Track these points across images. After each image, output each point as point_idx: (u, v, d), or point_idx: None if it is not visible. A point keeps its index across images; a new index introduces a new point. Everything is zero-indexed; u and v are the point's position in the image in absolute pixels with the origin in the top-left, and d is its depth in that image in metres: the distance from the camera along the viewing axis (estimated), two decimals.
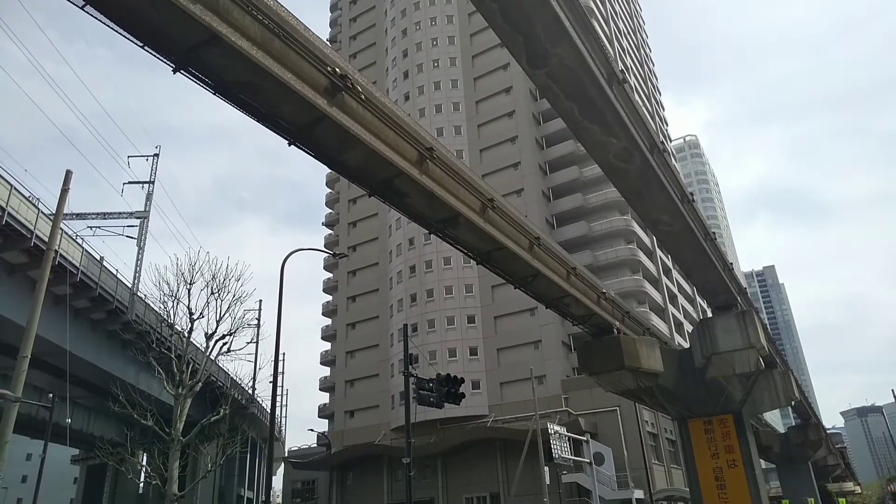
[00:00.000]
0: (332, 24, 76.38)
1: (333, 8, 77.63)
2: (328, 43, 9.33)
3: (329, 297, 65.99)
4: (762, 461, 36.44)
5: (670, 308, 56.80)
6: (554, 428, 31.13)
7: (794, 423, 67.57)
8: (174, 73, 7.66)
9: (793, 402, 25.60)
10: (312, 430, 52.34)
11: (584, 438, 34.29)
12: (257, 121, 8.67)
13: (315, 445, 60.34)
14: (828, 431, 55.59)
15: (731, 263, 19.71)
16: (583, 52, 8.74)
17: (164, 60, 7.59)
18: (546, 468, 31.02)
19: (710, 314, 21.11)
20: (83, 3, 6.85)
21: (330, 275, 66.36)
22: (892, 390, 64.39)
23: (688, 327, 58.97)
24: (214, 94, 7.95)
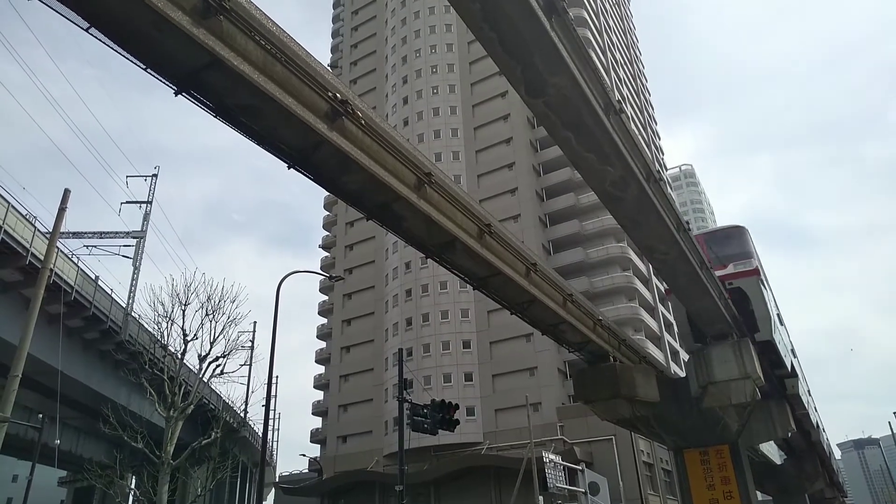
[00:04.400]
0: (334, 49, 77.41)
1: (335, 34, 78.74)
2: (329, 68, 9.45)
3: (324, 320, 65.70)
4: (758, 493, 36.02)
5: (666, 336, 56.70)
6: (549, 456, 30.80)
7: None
8: (176, 96, 7.73)
9: (789, 434, 25.42)
10: (304, 455, 51.74)
11: (580, 467, 33.89)
12: (257, 144, 8.73)
13: (307, 471, 59.57)
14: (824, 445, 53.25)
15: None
16: (580, 83, 8.86)
17: (166, 83, 7.66)
18: (540, 497, 30.62)
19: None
20: (87, 25, 6.95)
21: (325, 297, 66.18)
22: (889, 423, 63.99)
23: (683, 356, 58.79)
24: (215, 116, 8.01)
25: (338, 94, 8.76)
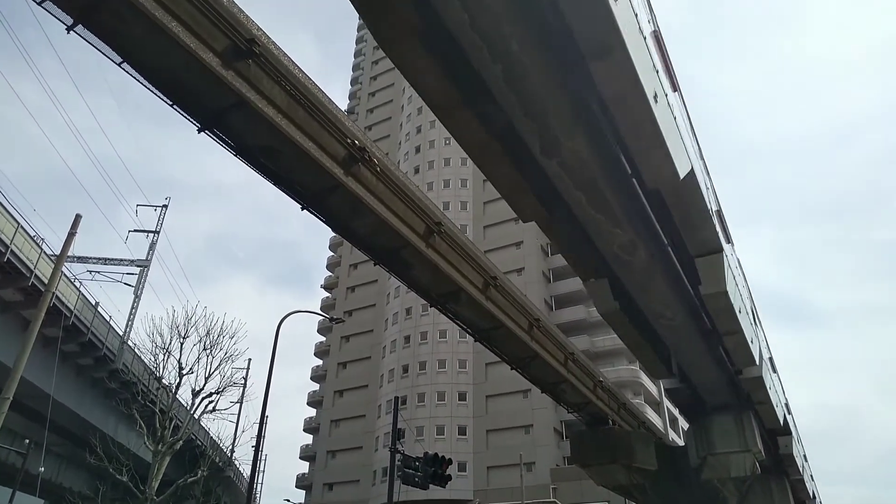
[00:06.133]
0: (351, 96, 79.39)
1: (353, 82, 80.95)
2: (346, 114, 9.66)
3: (320, 362, 65.03)
4: None
5: (666, 402, 55.77)
6: None
7: None
8: (199, 133, 7.90)
9: None
10: (289, 501, 50.21)
11: None
12: (273, 184, 8.86)
13: None
14: None
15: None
16: (594, 146, 9.02)
17: (191, 120, 7.84)
18: None
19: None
20: (120, 60, 7.17)
21: (323, 338, 65.70)
22: None
23: (683, 423, 57.70)
24: (236, 155, 8.16)
25: (356, 141, 8.94)
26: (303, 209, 9.28)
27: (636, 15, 7.42)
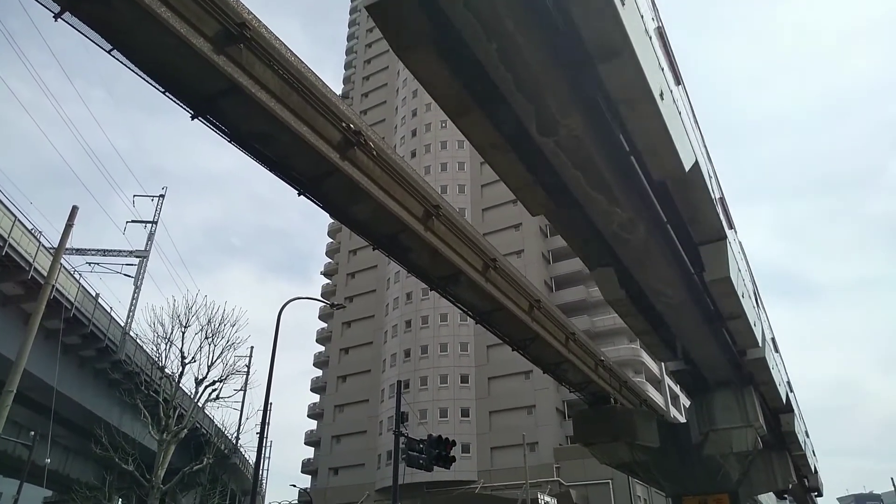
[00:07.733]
0: (346, 80, 78.73)
1: (347, 66, 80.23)
2: (341, 98, 9.57)
3: (321, 348, 65.23)
4: None
5: (667, 380, 56.09)
6: (544, 499, 30.24)
7: None
8: (192, 120, 7.82)
9: (790, 486, 24.94)
10: (295, 486, 50.76)
11: None
12: (269, 170, 8.80)
13: (296, 502, 58.35)
14: None
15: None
16: (592, 125, 8.93)
17: (184, 107, 7.76)
18: None
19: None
20: (110, 47, 7.06)
21: (324, 325, 65.84)
22: (892, 479, 63.02)
23: (684, 401, 58.09)
24: (230, 142, 8.09)
25: (352, 125, 8.86)
26: (299, 195, 9.22)
27: (642, 16, 7.53)
